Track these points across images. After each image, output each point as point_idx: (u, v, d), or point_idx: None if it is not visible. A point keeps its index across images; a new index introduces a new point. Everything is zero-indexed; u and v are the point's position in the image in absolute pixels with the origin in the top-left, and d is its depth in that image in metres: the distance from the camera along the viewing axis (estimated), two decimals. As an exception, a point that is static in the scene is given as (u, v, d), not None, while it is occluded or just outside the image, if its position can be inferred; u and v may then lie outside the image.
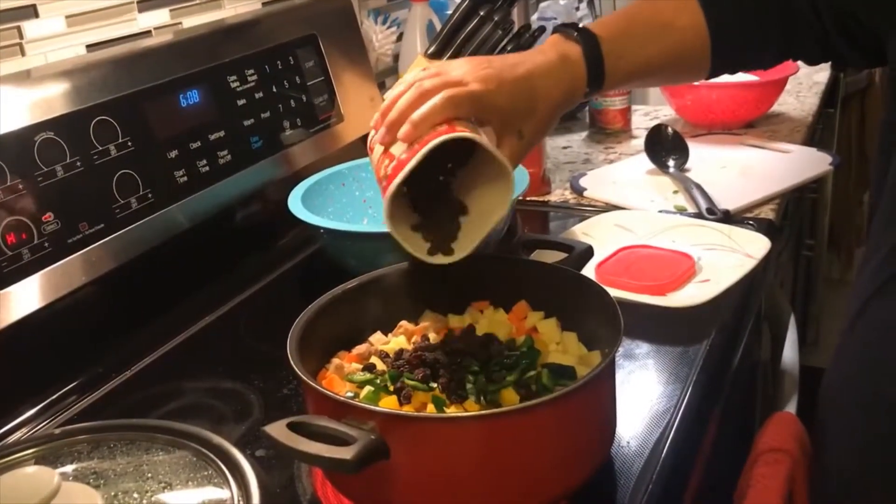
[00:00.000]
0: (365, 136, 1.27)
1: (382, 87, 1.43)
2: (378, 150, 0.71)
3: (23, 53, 0.92)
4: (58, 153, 0.85)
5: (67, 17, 0.96)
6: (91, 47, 0.99)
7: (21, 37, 0.92)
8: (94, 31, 1.00)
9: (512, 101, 0.71)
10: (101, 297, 0.89)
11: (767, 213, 1.12)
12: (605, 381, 0.67)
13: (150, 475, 0.48)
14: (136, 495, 0.46)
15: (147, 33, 1.06)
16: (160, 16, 1.08)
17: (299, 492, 0.70)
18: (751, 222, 1.09)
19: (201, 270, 1.02)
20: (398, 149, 0.68)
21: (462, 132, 0.65)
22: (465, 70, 0.71)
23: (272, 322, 0.71)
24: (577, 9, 1.83)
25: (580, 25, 0.78)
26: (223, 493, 0.47)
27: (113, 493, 0.47)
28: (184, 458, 0.50)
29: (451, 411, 0.64)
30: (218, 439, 0.51)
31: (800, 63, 1.49)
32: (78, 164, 0.86)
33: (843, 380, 0.77)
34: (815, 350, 2.28)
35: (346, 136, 1.23)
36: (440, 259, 0.70)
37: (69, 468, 0.50)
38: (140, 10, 1.05)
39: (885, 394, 0.71)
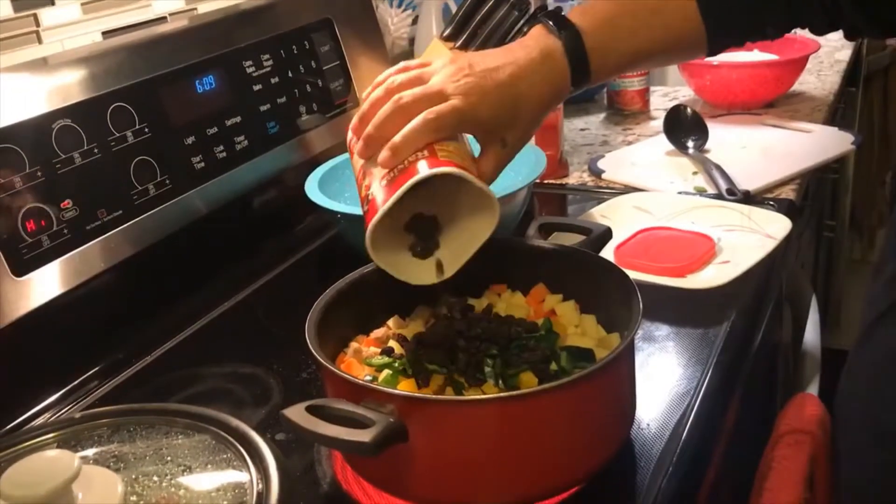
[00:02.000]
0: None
1: (398, 71, 1.43)
2: (358, 159, 0.69)
3: (39, 41, 0.93)
4: (75, 140, 0.85)
5: (83, 4, 0.97)
6: (107, 34, 0.99)
7: (37, 24, 0.92)
8: (110, 18, 1.00)
9: (495, 111, 0.68)
10: (120, 284, 0.90)
11: (788, 193, 1.11)
12: (623, 363, 0.66)
13: (169, 458, 0.48)
14: (155, 478, 0.47)
15: (162, 19, 1.06)
16: (175, 2, 1.08)
17: (319, 475, 0.70)
18: (771, 203, 1.07)
19: (219, 256, 1.02)
20: (379, 173, 0.65)
21: (444, 167, 0.62)
22: (444, 77, 0.67)
23: (290, 307, 0.71)
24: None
25: (562, 13, 0.74)
26: (242, 476, 0.47)
27: (133, 476, 0.47)
28: (203, 442, 0.50)
29: (470, 394, 0.64)
30: (237, 423, 0.51)
31: (821, 41, 1.47)
32: (95, 150, 0.86)
33: (853, 402, 0.76)
34: (836, 331, 2.26)
35: (362, 120, 1.22)
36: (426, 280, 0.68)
37: (90, 452, 0.51)
38: (155, -4, 1.05)
39: (889, 424, 0.71)
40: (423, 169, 0.62)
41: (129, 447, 0.50)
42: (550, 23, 0.73)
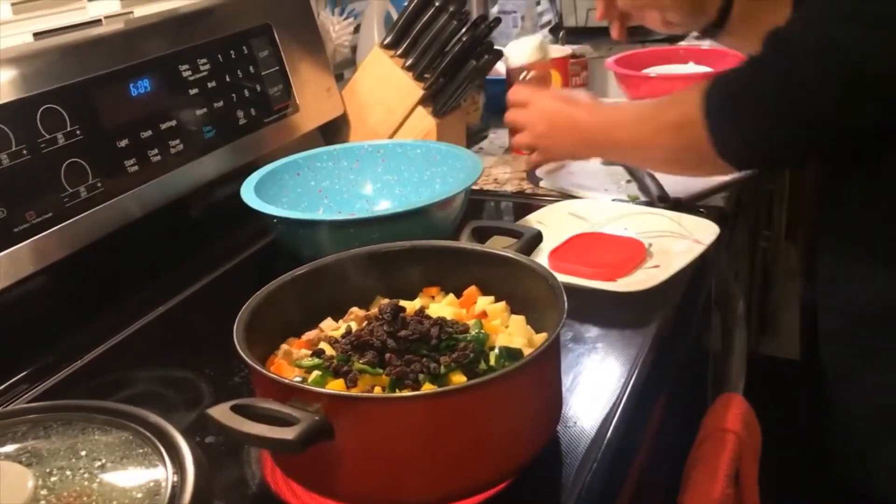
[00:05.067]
0: (322, 126, 1.28)
1: (340, 79, 1.43)
2: None
3: (-32, 41, 0.91)
4: (3, 141, 0.83)
5: (14, 3, 0.95)
6: (38, 35, 0.98)
7: (-34, 24, 0.91)
8: (42, 20, 0.99)
9: None
10: (51, 286, 0.88)
11: (718, 201, 1.14)
12: (549, 360, 0.67)
13: (84, 453, 0.48)
14: (68, 472, 0.46)
15: (97, 22, 1.05)
16: (111, 5, 1.07)
17: (248, 477, 0.70)
18: (701, 210, 1.10)
19: (155, 260, 1.01)
20: None
21: None
22: None
23: (226, 312, 0.71)
24: (538, 3, 1.84)
25: None
26: (158, 471, 0.47)
27: (47, 471, 0.46)
28: (120, 438, 0.50)
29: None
30: (155, 418, 0.51)
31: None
32: (24, 152, 0.85)
33: None
34: (773, 340, 2.31)
35: (302, 125, 1.23)
36: None
37: (5, 449, 0.50)
38: (90, -1, 1.04)
39: None
40: None
41: (45, 443, 0.49)
42: None
